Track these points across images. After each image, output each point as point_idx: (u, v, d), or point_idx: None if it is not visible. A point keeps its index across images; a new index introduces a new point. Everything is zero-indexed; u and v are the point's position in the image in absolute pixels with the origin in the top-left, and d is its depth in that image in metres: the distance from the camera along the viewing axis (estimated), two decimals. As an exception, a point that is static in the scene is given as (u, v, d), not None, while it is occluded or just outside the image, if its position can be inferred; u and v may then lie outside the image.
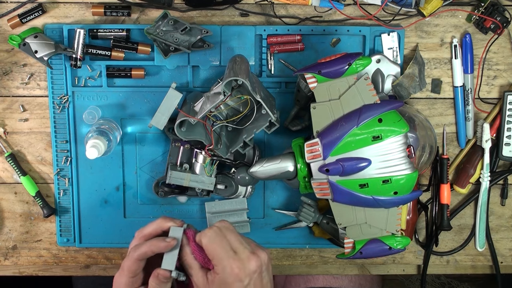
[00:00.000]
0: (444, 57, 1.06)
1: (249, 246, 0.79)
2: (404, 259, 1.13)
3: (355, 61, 0.89)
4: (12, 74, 1.04)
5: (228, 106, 1.00)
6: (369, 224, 0.94)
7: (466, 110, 1.06)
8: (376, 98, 0.90)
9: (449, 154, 1.09)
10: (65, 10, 1.02)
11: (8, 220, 1.09)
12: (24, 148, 1.07)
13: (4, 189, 1.08)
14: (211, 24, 1.03)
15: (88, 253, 1.11)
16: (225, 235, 0.78)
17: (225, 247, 0.77)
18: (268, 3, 1.02)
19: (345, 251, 0.98)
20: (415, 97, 1.07)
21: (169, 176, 1.01)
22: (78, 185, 1.07)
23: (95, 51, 1.01)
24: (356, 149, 0.89)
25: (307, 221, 1.05)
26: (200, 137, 0.96)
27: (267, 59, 1.04)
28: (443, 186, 1.06)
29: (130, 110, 1.05)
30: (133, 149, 1.06)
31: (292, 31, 1.03)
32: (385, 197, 0.90)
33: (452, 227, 1.10)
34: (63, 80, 1.03)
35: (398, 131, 0.88)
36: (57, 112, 1.04)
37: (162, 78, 1.04)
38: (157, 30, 0.99)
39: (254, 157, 1.02)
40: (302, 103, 1.00)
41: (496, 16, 1.01)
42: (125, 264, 0.79)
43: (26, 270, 1.12)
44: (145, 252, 0.78)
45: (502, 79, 1.07)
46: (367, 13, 1.02)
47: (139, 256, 0.78)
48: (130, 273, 0.79)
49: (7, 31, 1.03)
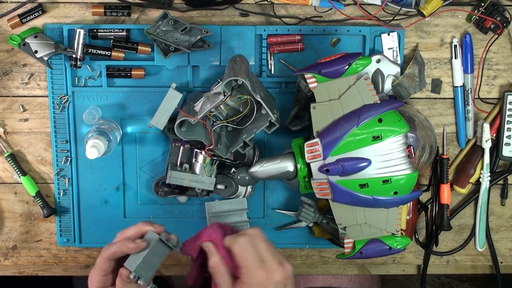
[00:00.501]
0: (444, 57, 1.06)
1: (276, 257, 0.79)
2: (404, 259, 1.13)
3: (355, 61, 0.89)
4: (12, 74, 1.04)
5: (228, 106, 1.00)
6: (369, 224, 0.94)
7: (466, 110, 1.06)
8: (376, 98, 0.90)
9: (449, 154, 1.09)
10: (65, 10, 1.02)
11: (8, 220, 1.09)
12: (24, 148, 1.07)
13: (4, 189, 1.08)
14: (211, 24, 1.03)
15: (88, 253, 1.11)
16: (256, 243, 0.79)
17: (255, 256, 0.77)
18: (268, 3, 1.02)
19: (345, 251, 0.98)
20: (415, 97, 1.07)
21: (169, 176, 1.01)
22: (78, 185, 1.07)
23: (95, 51, 1.01)
24: (356, 149, 0.89)
25: (307, 221, 1.05)
26: (200, 137, 0.96)
27: (267, 59, 1.04)
28: (443, 186, 1.06)
29: (130, 110, 1.05)
30: (133, 149, 1.06)
31: (292, 31, 1.03)
32: (385, 197, 0.90)
33: (452, 227, 1.10)
34: (63, 80, 1.03)
35: (398, 131, 0.88)
36: (57, 112, 1.04)
37: (162, 78, 1.04)
38: (157, 30, 0.99)
39: (254, 157, 1.02)
40: (302, 103, 1.00)
41: (496, 16, 1.01)
42: (98, 262, 0.82)
43: (26, 270, 1.13)
44: (114, 251, 0.80)
45: (502, 79, 1.07)
46: (367, 13, 1.02)
47: (109, 255, 0.80)
48: (101, 271, 0.81)
49: (7, 31, 1.03)
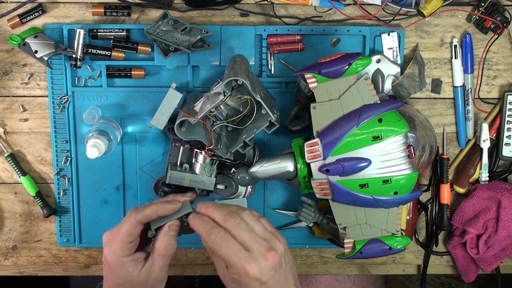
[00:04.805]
0: (444, 57, 1.06)
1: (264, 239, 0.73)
2: (404, 259, 1.13)
3: (355, 61, 0.89)
4: (12, 74, 1.04)
5: (228, 106, 1.00)
6: (369, 224, 0.94)
7: (466, 110, 1.06)
8: (376, 98, 0.90)
9: (449, 154, 1.09)
10: (65, 10, 1.02)
11: (8, 220, 1.09)
12: (24, 148, 1.07)
13: (4, 189, 1.08)
14: (211, 24, 1.03)
15: (88, 253, 1.11)
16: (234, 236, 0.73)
17: (234, 249, 0.72)
18: (268, 3, 1.02)
19: (345, 251, 0.98)
20: (415, 97, 1.07)
21: (169, 176, 1.01)
22: (78, 185, 1.07)
23: (95, 51, 1.01)
24: (356, 149, 0.89)
25: (307, 221, 1.05)
26: (200, 137, 0.96)
27: (267, 59, 1.04)
28: (443, 186, 1.06)
29: (130, 110, 1.05)
30: (133, 149, 1.06)
31: (292, 31, 1.03)
32: (385, 197, 0.90)
33: (452, 227, 1.10)
34: (63, 80, 1.03)
35: (398, 131, 0.88)
36: (57, 112, 1.04)
37: (162, 78, 1.04)
38: (157, 30, 0.99)
39: (254, 157, 1.02)
40: (302, 103, 1.00)
41: (496, 16, 1.01)
42: (124, 228, 0.77)
43: (26, 270, 1.12)
44: (149, 214, 0.77)
45: (502, 79, 1.07)
46: (367, 13, 1.02)
47: (141, 218, 0.77)
48: (129, 237, 0.77)
49: (7, 31, 1.03)
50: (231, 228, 0.74)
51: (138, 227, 0.77)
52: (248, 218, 0.76)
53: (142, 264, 0.78)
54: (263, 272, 0.71)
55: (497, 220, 1.04)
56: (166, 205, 0.78)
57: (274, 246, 0.73)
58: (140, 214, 0.77)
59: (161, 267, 0.78)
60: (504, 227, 1.03)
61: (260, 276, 0.71)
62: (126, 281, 0.78)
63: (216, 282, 1.48)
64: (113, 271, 0.78)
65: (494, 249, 1.05)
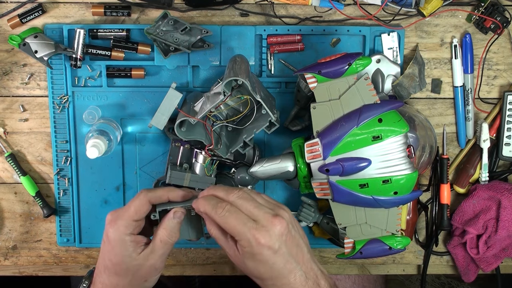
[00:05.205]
0: (444, 57, 1.06)
1: (268, 208, 0.74)
2: (404, 259, 1.13)
3: (355, 61, 0.89)
4: (12, 74, 1.04)
5: (228, 106, 1.00)
6: (369, 224, 0.94)
7: (466, 110, 1.06)
8: (376, 98, 0.90)
9: (449, 154, 1.09)
10: (65, 10, 1.02)
11: (8, 220, 1.09)
12: (24, 148, 1.07)
13: (4, 189, 1.08)
14: (211, 24, 1.03)
15: (88, 253, 1.11)
16: (239, 207, 0.74)
17: (242, 220, 0.72)
18: (268, 3, 1.02)
19: (345, 251, 0.98)
20: (415, 97, 1.07)
21: (169, 176, 1.01)
22: (78, 185, 1.07)
23: (95, 51, 1.01)
24: (356, 149, 0.89)
25: (307, 221, 1.05)
26: (200, 137, 0.96)
27: (267, 59, 1.04)
28: (443, 186, 1.06)
29: (130, 110, 1.05)
30: (133, 149, 1.06)
31: (292, 31, 1.03)
32: (385, 197, 0.90)
33: (452, 227, 1.10)
34: (63, 80, 1.03)
35: (398, 131, 0.88)
36: (57, 112, 1.04)
37: (162, 78, 1.04)
38: (157, 30, 0.99)
39: (254, 157, 1.02)
40: (302, 103, 1.00)
41: (496, 16, 1.01)
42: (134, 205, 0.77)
43: (26, 270, 1.12)
44: (160, 195, 0.77)
45: (502, 79, 1.07)
46: (367, 13, 1.02)
47: (151, 198, 0.77)
48: (137, 214, 0.77)
49: (7, 31, 1.03)
50: (235, 200, 0.74)
51: (146, 206, 0.77)
52: (249, 191, 0.77)
53: (142, 249, 0.78)
54: (273, 239, 0.71)
55: (497, 220, 1.04)
56: (177, 190, 0.79)
57: (279, 213, 0.74)
58: (151, 193, 0.77)
59: (160, 255, 0.78)
60: (504, 227, 1.03)
61: (272, 243, 0.71)
62: (123, 262, 0.78)
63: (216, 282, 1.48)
64: (112, 249, 0.78)
65: (494, 249, 1.05)
